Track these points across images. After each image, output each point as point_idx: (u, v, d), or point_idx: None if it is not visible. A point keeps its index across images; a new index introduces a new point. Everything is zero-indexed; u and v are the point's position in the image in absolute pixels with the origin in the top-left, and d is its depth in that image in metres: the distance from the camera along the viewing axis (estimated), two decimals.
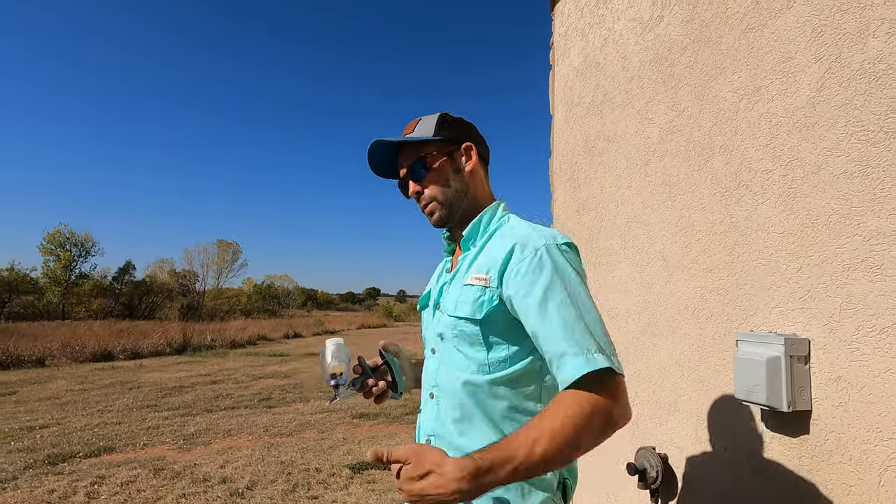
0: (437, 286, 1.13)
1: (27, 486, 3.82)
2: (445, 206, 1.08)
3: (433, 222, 1.10)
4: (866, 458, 1.06)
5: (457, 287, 1.03)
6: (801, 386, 1.17)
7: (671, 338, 1.66)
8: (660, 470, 1.59)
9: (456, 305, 1.00)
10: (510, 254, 0.95)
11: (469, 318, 0.97)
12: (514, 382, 0.97)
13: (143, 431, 5.61)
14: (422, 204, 1.09)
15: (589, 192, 2.19)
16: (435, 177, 1.07)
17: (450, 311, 1.01)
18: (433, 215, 1.09)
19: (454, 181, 1.08)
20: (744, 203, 1.39)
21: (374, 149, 1.09)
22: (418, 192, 1.08)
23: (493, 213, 1.10)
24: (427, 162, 1.06)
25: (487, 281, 0.96)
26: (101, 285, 34.76)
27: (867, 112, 1.08)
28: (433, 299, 1.12)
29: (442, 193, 1.07)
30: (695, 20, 1.60)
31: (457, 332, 0.99)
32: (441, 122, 1.09)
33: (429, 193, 1.07)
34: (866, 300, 1.07)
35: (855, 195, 1.10)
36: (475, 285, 0.98)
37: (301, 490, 3.87)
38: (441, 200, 1.07)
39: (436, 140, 1.07)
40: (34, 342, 12.61)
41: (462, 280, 1.02)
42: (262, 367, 11.29)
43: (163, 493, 3.76)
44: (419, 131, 1.08)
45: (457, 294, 1.01)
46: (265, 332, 21.03)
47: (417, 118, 1.11)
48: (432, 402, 1.05)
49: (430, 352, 1.10)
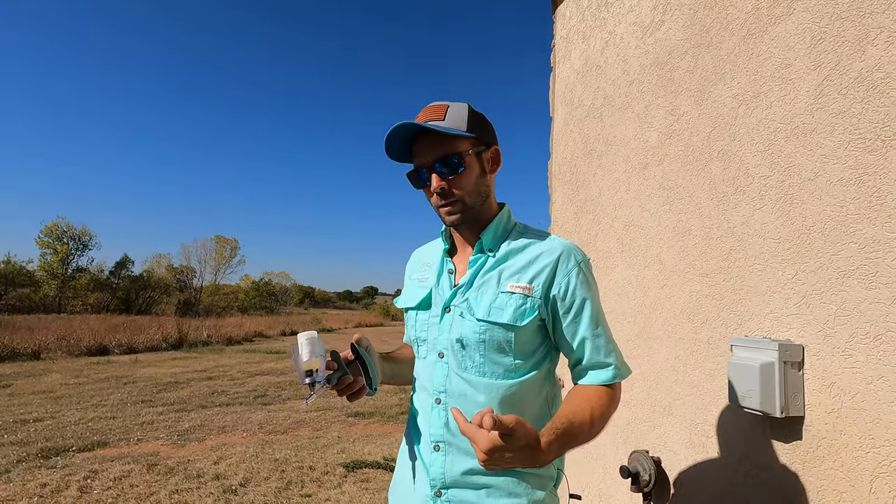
0: (444, 288, 1.07)
1: (20, 480, 3.81)
2: (469, 207, 1.03)
3: (449, 221, 1.04)
4: (858, 464, 1.06)
5: (489, 293, 1.00)
6: (795, 392, 1.18)
7: (666, 341, 1.66)
8: (653, 473, 1.60)
9: (490, 311, 0.98)
10: (555, 266, 1.01)
11: (507, 325, 0.97)
12: (529, 387, 1.01)
13: (138, 426, 5.60)
14: (444, 200, 1.02)
15: (587, 194, 2.19)
16: (466, 176, 1.01)
17: (481, 315, 0.98)
18: (453, 215, 1.03)
19: (481, 183, 1.04)
20: (741, 208, 1.39)
21: (397, 131, 0.99)
22: (444, 188, 1.01)
23: (507, 218, 1.10)
24: (462, 159, 1.00)
25: (531, 290, 0.99)
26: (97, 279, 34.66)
27: (865, 120, 1.09)
28: (441, 301, 1.06)
29: (468, 195, 1.02)
30: (695, 25, 1.60)
31: (486, 337, 0.98)
32: (472, 115, 1.02)
33: (457, 193, 1.01)
34: (861, 307, 1.07)
35: (851, 202, 1.10)
36: (517, 293, 0.99)
37: (294, 488, 3.87)
38: (466, 202, 1.02)
39: (469, 137, 1.01)
40: (30, 335, 12.56)
41: (496, 286, 1.00)
42: (258, 364, 11.27)
43: (156, 488, 3.75)
44: (451, 121, 1.00)
45: (490, 300, 0.99)
46: (262, 329, 21.00)
47: (443, 104, 1.03)
48: (439, 407, 1.01)
49: (435, 356, 1.04)
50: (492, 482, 0.97)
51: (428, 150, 1.01)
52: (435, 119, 1.00)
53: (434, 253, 1.18)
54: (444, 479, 0.99)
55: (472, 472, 0.97)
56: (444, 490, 0.98)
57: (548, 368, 1.05)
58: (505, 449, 0.77)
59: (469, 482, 0.97)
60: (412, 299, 1.13)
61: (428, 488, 1.00)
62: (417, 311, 1.11)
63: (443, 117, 1.00)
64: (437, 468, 1.00)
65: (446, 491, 0.98)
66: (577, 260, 1.02)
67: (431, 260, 1.17)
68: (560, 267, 1.00)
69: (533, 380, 1.01)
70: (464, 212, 1.03)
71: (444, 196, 1.02)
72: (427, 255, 1.20)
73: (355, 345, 1.03)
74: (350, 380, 1.01)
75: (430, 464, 1.01)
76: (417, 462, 1.05)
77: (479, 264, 1.05)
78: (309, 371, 0.96)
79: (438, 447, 1.00)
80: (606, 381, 0.99)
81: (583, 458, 2.09)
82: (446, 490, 0.98)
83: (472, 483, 0.97)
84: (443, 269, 1.11)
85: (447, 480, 0.98)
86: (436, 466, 1.00)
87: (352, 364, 1.03)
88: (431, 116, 1.01)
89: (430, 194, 1.05)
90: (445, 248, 1.12)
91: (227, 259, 45.33)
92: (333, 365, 1.00)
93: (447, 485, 0.98)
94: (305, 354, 0.96)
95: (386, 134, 1.00)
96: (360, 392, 1.04)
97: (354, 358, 1.03)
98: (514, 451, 0.77)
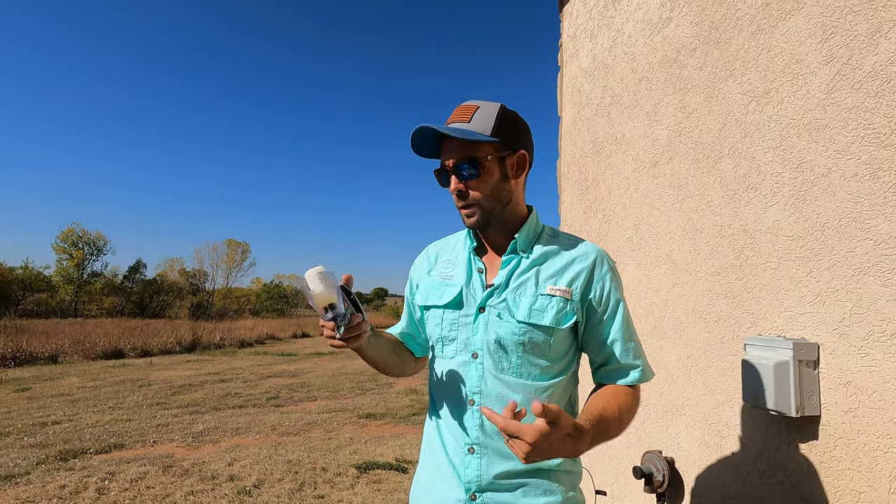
0: (476, 287, 1.05)
1: (39, 482, 3.88)
2: (487, 211, 1.03)
3: (469, 224, 1.05)
4: (876, 465, 1.05)
5: (528, 295, 1.00)
6: (810, 391, 1.16)
7: (678, 341, 1.64)
8: (666, 474, 1.58)
9: (530, 313, 0.98)
10: (591, 270, 1.04)
11: (548, 327, 0.99)
12: (561, 388, 1.03)
13: (153, 429, 5.67)
14: (462, 203, 1.03)
15: (597, 193, 2.18)
16: (483, 181, 1.01)
17: (521, 317, 0.98)
18: (471, 217, 1.03)
19: (501, 188, 1.03)
20: (753, 206, 1.38)
21: (421, 129, 1.00)
22: (461, 190, 1.02)
23: (537, 221, 1.12)
24: (479, 164, 1.00)
25: (570, 294, 1.01)
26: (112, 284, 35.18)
27: (878, 115, 1.07)
28: (475, 301, 1.04)
29: (486, 199, 1.02)
30: (704, 22, 1.59)
31: (525, 339, 0.98)
32: (501, 119, 1.01)
33: (473, 196, 1.01)
34: (877, 305, 1.06)
35: (866, 198, 1.09)
36: (557, 296, 1.00)
37: (308, 489, 3.89)
38: (484, 206, 1.02)
39: (491, 141, 1.00)
40: (47, 339, 12.79)
41: (534, 288, 1.01)
42: (269, 367, 11.36)
43: (171, 489, 3.80)
44: (476, 123, 0.99)
45: (530, 301, 1.00)
46: (273, 331, 21.17)
47: (474, 104, 1.03)
48: (473, 408, 1.00)
49: (466, 357, 1.03)
50: (527, 482, 0.97)
51: (451, 151, 1.02)
52: (461, 121, 1.00)
53: (455, 250, 1.15)
54: (479, 481, 0.98)
55: (508, 475, 0.97)
56: (480, 493, 0.97)
57: (574, 370, 1.08)
58: (551, 437, 0.77)
59: (505, 484, 0.97)
60: (440, 297, 1.08)
61: (462, 492, 0.99)
62: (446, 309, 1.07)
63: (469, 119, 1.00)
64: (473, 471, 0.98)
65: (481, 494, 0.97)
66: (609, 265, 1.06)
67: (454, 257, 1.13)
68: (596, 271, 1.03)
69: (564, 381, 1.04)
70: (482, 215, 1.03)
71: (461, 198, 1.03)
72: (447, 251, 1.17)
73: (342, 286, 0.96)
74: (359, 318, 0.96)
75: (464, 467, 0.99)
76: (446, 465, 1.03)
77: (513, 265, 1.04)
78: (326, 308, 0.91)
79: (473, 449, 0.99)
80: (633, 381, 1.02)
81: (596, 459, 2.08)
82: (482, 493, 0.97)
83: (507, 485, 0.97)
84: (472, 268, 1.08)
85: (483, 483, 0.97)
86: (471, 469, 0.99)
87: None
88: (458, 118, 1.01)
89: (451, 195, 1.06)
90: (473, 245, 1.10)
91: (238, 262, 45.79)
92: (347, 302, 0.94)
93: (483, 488, 0.97)
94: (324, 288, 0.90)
95: (411, 133, 1.01)
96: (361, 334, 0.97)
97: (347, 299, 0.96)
98: (558, 439, 0.78)
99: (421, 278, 1.18)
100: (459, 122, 1.00)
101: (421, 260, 1.21)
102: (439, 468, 1.04)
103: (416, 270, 1.21)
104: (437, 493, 1.03)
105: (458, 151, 1.01)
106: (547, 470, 0.98)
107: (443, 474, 1.03)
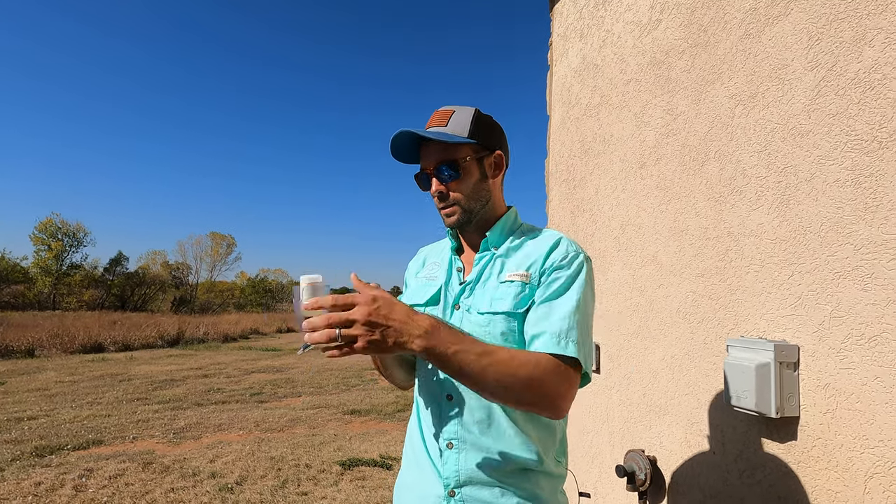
0: (454, 285, 1.09)
1: (14, 478, 3.79)
2: (466, 211, 1.06)
3: (449, 224, 1.08)
4: (852, 465, 1.07)
5: (491, 287, 1.02)
6: (790, 392, 1.18)
7: (662, 341, 1.66)
8: (648, 472, 1.60)
9: (491, 303, 1.00)
10: (551, 250, 1.02)
11: (508, 313, 0.98)
12: None
13: (133, 425, 5.58)
14: (442, 204, 1.06)
15: (584, 193, 2.19)
16: (463, 181, 1.05)
17: (483, 308, 1.00)
18: (451, 217, 1.07)
19: (480, 188, 1.07)
20: (737, 209, 1.39)
21: (400, 134, 1.04)
22: (441, 192, 1.05)
23: (514, 219, 1.14)
24: (458, 166, 1.03)
25: (528, 277, 1.01)
26: (92, 276, 34.52)
27: (861, 121, 1.09)
28: (450, 298, 1.07)
29: (466, 199, 1.05)
30: (693, 24, 1.60)
31: (489, 329, 0.99)
32: (476, 121, 1.05)
33: (453, 196, 1.05)
34: (856, 308, 1.08)
35: (847, 204, 1.10)
36: (515, 281, 1.01)
37: (291, 486, 3.86)
38: (464, 206, 1.05)
39: (469, 142, 1.04)
40: (24, 332, 12.51)
41: (496, 279, 1.03)
42: (254, 362, 11.26)
43: (151, 486, 3.74)
44: (453, 126, 1.03)
45: (492, 293, 1.01)
46: (258, 326, 20.99)
47: (449, 108, 1.06)
48: (450, 404, 1.01)
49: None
50: (506, 480, 0.97)
51: (430, 155, 1.05)
52: (438, 125, 1.04)
53: (442, 252, 1.19)
54: (458, 477, 0.97)
55: (488, 467, 0.97)
56: (458, 489, 0.97)
57: None
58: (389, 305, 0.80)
59: (484, 479, 0.97)
60: (420, 296, 1.12)
61: (441, 488, 0.99)
62: (425, 307, 1.10)
63: (446, 123, 1.04)
64: (451, 466, 0.98)
65: (460, 490, 0.97)
66: (576, 249, 1.04)
67: (440, 259, 1.18)
68: (553, 252, 1.02)
69: None
70: (462, 215, 1.06)
71: (442, 199, 1.06)
72: (435, 254, 1.22)
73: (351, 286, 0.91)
74: None
75: (442, 462, 1.00)
76: (426, 462, 1.03)
77: (484, 262, 1.07)
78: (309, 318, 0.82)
79: (451, 444, 0.99)
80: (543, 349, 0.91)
81: (579, 458, 2.10)
82: (460, 489, 0.97)
83: (487, 480, 0.97)
84: (451, 268, 1.12)
85: (461, 478, 0.97)
86: (449, 464, 0.99)
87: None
88: (435, 122, 1.05)
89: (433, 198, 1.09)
90: (453, 246, 1.14)
91: (222, 256, 45.25)
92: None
93: (461, 483, 0.97)
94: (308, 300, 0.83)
95: (390, 139, 1.04)
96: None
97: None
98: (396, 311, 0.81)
99: (410, 282, 1.23)
100: (437, 127, 1.04)
101: (412, 264, 1.26)
102: (420, 464, 1.05)
103: (407, 275, 1.26)
104: (418, 489, 1.04)
105: (437, 155, 1.04)
106: (529, 469, 0.98)
107: (423, 470, 1.03)
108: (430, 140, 1.05)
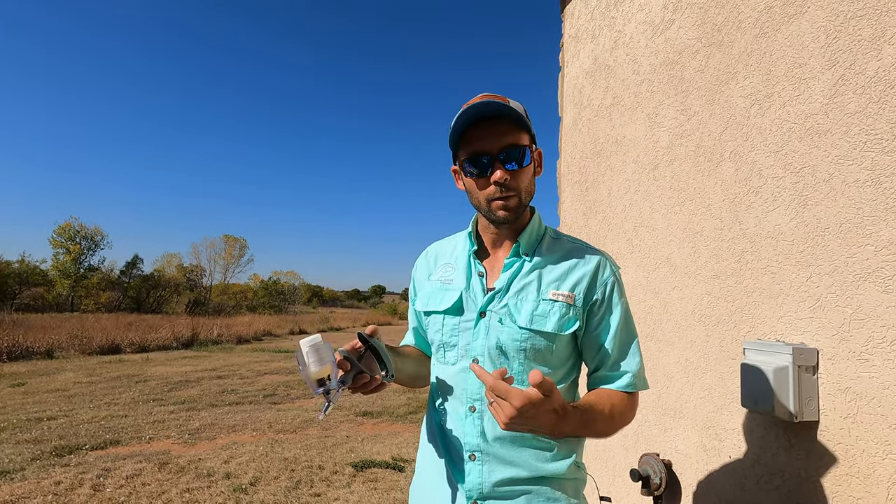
0: (476, 291, 1.02)
1: (34, 478, 3.87)
2: (521, 205, 0.99)
3: (502, 217, 0.98)
4: (874, 471, 1.05)
5: (530, 300, 0.97)
6: (809, 396, 1.16)
7: (677, 344, 1.64)
8: (663, 476, 1.58)
9: (532, 319, 0.96)
10: (594, 275, 1.01)
11: (551, 334, 0.96)
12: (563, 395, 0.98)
13: (149, 425, 5.66)
14: (504, 192, 0.96)
15: (597, 195, 2.18)
16: (528, 171, 0.99)
17: (523, 323, 0.96)
18: (506, 210, 0.97)
19: (532, 183, 1.03)
20: (753, 210, 1.37)
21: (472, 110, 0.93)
22: (507, 179, 0.95)
23: (539, 223, 1.09)
24: (531, 154, 0.99)
25: (573, 299, 0.98)
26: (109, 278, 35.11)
27: (881, 120, 1.07)
28: (475, 305, 1.01)
29: (524, 191, 0.99)
30: (706, 24, 1.58)
31: (527, 345, 0.96)
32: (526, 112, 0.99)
33: (517, 185, 0.97)
34: (877, 311, 1.05)
35: (867, 204, 1.08)
36: (560, 301, 0.97)
37: (304, 487, 3.89)
38: (521, 199, 0.98)
39: (531, 133, 0.99)
40: (43, 334, 12.74)
41: (536, 293, 0.98)
42: (267, 363, 11.35)
43: (167, 486, 3.79)
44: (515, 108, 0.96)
45: (532, 307, 0.97)
46: (271, 327, 21.15)
47: (501, 96, 0.98)
48: (474, 415, 0.98)
49: (467, 363, 1.00)
50: (530, 489, 0.95)
51: (495, 136, 0.95)
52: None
53: (454, 253, 1.12)
54: (481, 489, 0.96)
55: (510, 482, 0.95)
56: (482, 501, 0.96)
57: (575, 377, 1.06)
58: (539, 407, 0.75)
59: (507, 492, 0.95)
60: (440, 302, 1.05)
61: (463, 499, 0.97)
62: (446, 315, 1.04)
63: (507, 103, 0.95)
64: (474, 478, 0.96)
65: (483, 502, 0.96)
66: (612, 269, 1.03)
67: (453, 260, 1.10)
68: (599, 275, 1.01)
69: (565, 388, 1.02)
70: (517, 209, 0.98)
71: (504, 186, 0.96)
72: (446, 253, 1.13)
73: (362, 333, 0.94)
74: (366, 377, 0.92)
75: (465, 473, 0.97)
76: (447, 471, 1.01)
77: (515, 268, 1.01)
78: (321, 380, 0.86)
79: (474, 456, 0.97)
80: (623, 387, 0.99)
81: (593, 461, 2.08)
82: (483, 501, 0.96)
83: (510, 492, 0.95)
84: (472, 272, 1.05)
85: (485, 490, 0.95)
86: (472, 476, 0.96)
87: (363, 356, 0.93)
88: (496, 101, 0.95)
89: (482, 185, 0.98)
90: (473, 248, 1.07)
91: (235, 258, 45.75)
92: (346, 365, 0.90)
93: (485, 495, 0.95)
94: (313, 364, 0.85)
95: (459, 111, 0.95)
96: (377, 384, 0.94)
97: (365, 348, 0.93)
98: (544, 411, 0.76)
99: (422, 284, 1.14)
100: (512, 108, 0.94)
101: (421, 263, 1.18)
102: (440, 475, 1.02)
103: (417, 275, 1.18)
104: (437, 497, 1.01)
105: (504, 138, 0.94)
106: (551, 477, 0.96)
107: (443, 479, 1.01)
108: (492, 122, 0.94)
